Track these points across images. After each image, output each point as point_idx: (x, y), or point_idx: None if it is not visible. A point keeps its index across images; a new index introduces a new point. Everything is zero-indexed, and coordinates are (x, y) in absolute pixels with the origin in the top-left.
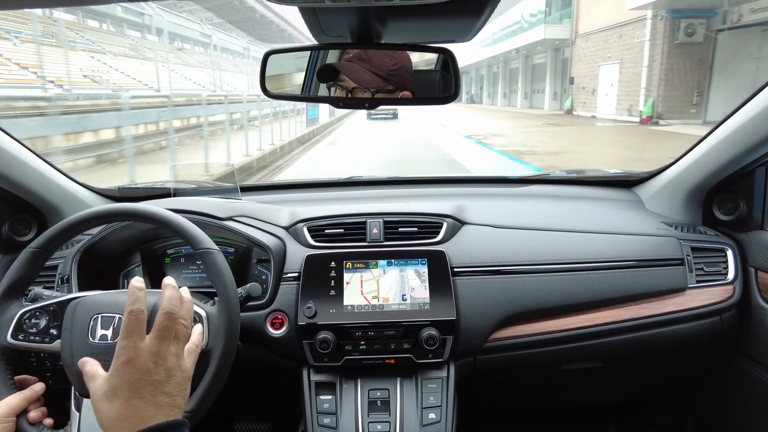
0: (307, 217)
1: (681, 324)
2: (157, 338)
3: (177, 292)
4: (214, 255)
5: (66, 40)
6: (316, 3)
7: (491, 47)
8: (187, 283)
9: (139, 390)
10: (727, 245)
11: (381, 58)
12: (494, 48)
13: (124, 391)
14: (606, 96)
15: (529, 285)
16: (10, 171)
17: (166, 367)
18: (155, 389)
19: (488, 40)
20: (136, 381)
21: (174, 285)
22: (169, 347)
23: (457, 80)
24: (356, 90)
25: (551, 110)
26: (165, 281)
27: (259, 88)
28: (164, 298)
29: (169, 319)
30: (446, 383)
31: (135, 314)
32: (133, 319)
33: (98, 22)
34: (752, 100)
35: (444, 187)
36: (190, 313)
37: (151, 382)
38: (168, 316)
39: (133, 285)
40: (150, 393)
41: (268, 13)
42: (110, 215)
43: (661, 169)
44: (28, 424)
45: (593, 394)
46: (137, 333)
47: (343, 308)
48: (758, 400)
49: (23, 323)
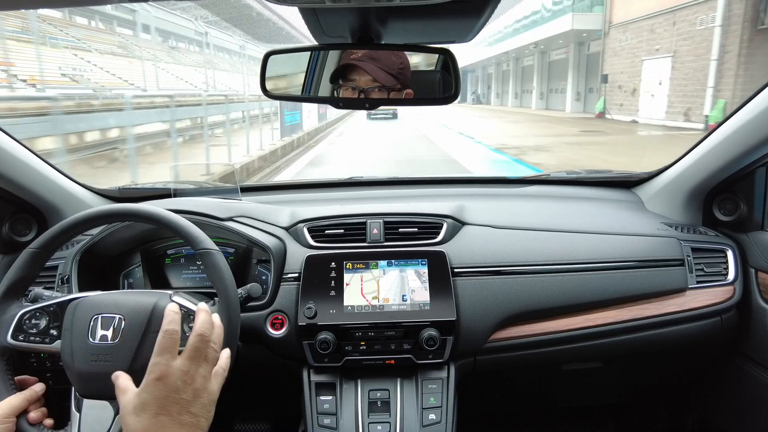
0: (308, 218)
1: (681, 324)
2: (188, 359)
3: (209, 317)
4: (214, 255)
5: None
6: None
7: (501, 43)
8: (187, 284)
9: (167, 407)
10: (728, 246)
11: (389, 57)
12: (504, 44)
13: (152, 407)
14: (652, 97)
15: (529, 285)
16: (10, 171)
17: (194, 388)
18: (182, 408)
19: (498, 36)
20: (165, 398)
21: (207, 310)
22: (199, 369)
23: (457, 81)
24: (370, 90)
25: (574, 112)
26: (199, 306)
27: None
28: (198, 321)
29: (201, 341)
30: (446, 384)
31: (170, 334)
32: (168, 338)
33: (87, 20)
34: (752, 100)
35: (444, 188)
36: (220, 338)
37: (179, 401)
38: (200, 338)
39: (170, 308)
40: (177, 411)
41: (265, 11)
42: (110, 215)
43: (662, 170)
44: (28, 425)
45: (593, 395)
46: (170, 352)
47: (343, 309)
48: (758, 400)
49: (23, 324)
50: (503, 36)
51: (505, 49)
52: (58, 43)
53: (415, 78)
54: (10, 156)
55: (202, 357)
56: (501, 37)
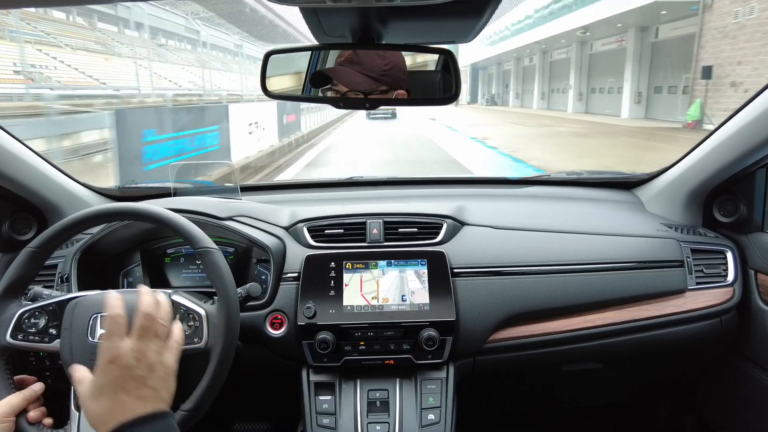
0: (307, 217)
1: (680, 326)
2: (137, 338)
3: (152, 296)
4: (214, 254)
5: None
6: (317, 3)
7: (522, 35)
8: (186, 283)
9: (123, 385)
10: (727, 247)
11: (372, 59)
12: (528, 35)
13: (109, 388)
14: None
15: (528, 286)
16: (10, 170)
17: (147, 363)
18: (138, 384)
19: (519, 26)
20: (120, 377)
21: (148, 290)
22: (149, 345)
23: (458, 81)
24: (349, 93)
25: (634, 118)
26: (140, 289)
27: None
28: (141, 302)
29: (146, 320)
30: (445, 384)
31: (114, 318)
32: (112, 322)
33: (65, 14)
34: (753, 101)
35: (444, 188)
36: (168, 315)
37: (135, 377)
38: (145, 317)
39: (109, 294)
40: (134, 387)
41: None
42: (110, 214)
43: (662, 171)
44: (27, 424)
45: (592, 395)
46: (117, 334)
47: (342, 309)
48: (757, 401)
49: (22, 323)
50: (525, 26)
51: (529, 40)
52: (18, 36)
53: (416, 78)
54: (10, 155)
55: (151, 334)
56: (522, 27)
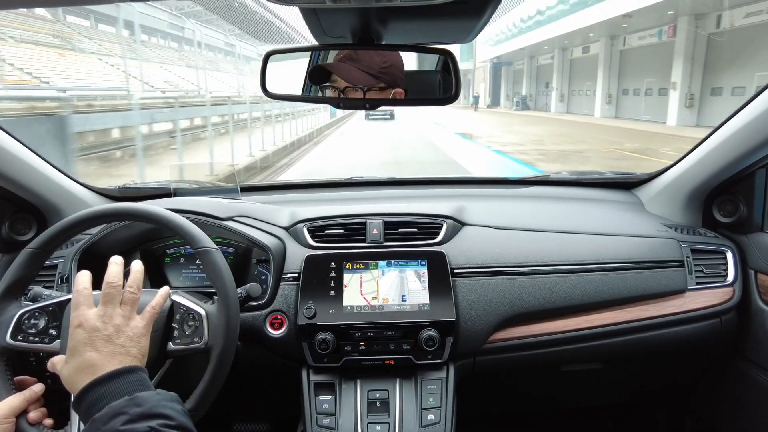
0: (307, 218)
1: (680, 326)
2: (102, 304)
3: (119, 267)
4: (213, 254)
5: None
6: (317, 4)
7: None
8: (186, 283)
9: (92, 344)
10: (727, 247)
11: (371, 57)
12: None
13: (78, 349)
14: None
15: (528, 286)
16: (10, 170)
17: (113, 324)
18: (106, 342)
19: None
20: (88, 338)
21: (118, 261)
22: (116, 309)
23: (458, 81)
24: (348, 89)
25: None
26: (111, 260)
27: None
28: (107, 272)
29: (110, 287)
30: (445, 384)
31: (79, 292)
32: (78, 295)
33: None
34: (752, 102)
35: (444, 188)
36: (138, 282)
37: (102, 337)
38: (109, 285)
39: (78, 275)
40: (102, 345)
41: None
42: (109, 215)
43: (661, 171)
44: (28, 425)
45: (592, 396)
46: (83, 304)
47: (342, 309)
48: (757, 402)
49: (22, 324)
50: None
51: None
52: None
53: (415, 78)
54: (10, 155)
55: (116, 301)
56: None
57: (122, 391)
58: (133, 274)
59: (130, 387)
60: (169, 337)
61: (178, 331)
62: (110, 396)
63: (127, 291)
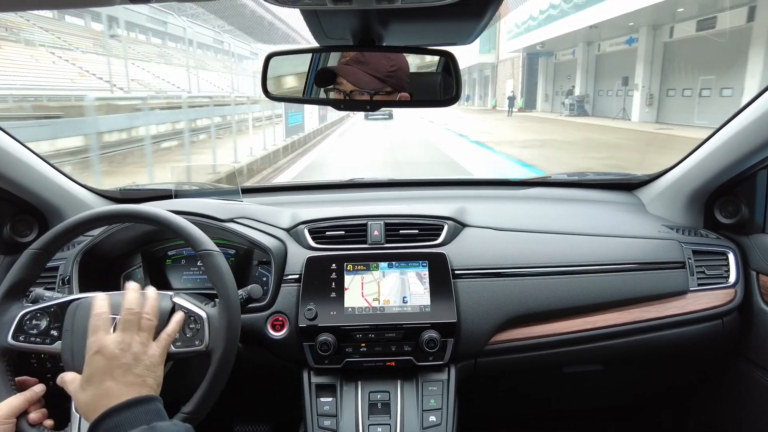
0: (308, 219)
1: (682, 327)
2: (120, 330)
3: (137, 293)
4: (215, 256)
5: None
6: (318, 5)
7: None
8: (188, 285)
9: (110, 373)
10: (729, 248)
11: (378, 60)
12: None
13: (96, 377)
14: None
15: (530, 288)
16: (11, 172)
17: (132, 353)
18: (125, 371)
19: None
20: (106, 366)
21: (135, 288)
22: (134, 337)
23: (458, 83)
24: (354, 93)
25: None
26: (127, 285)
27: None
28: (126, 298)
29: (129, 314)
30: (447, 386)
31: (98, 316)
32: (97, 319)
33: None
34: (754, 102)
35: (445, 190)
36: (155, 309)
37: (120, 365)
38: (128, 311)
39: (96, 296)
40: (120, 374)
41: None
42: (111, 217)
43: (663, 172)
44: (28, 426)
45: (594, 397)
46: (102, 329)
47: (343, 310)
48: (759, 403)
49: (24, 324)
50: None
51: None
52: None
53: (417, 80)
54: (11, 157)
55: (134, 327)
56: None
57: (140, 420)
58: (149, 301)
59: (148, 417)
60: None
61: (180, 334)
62: (128, 424)
63: (144, 318)
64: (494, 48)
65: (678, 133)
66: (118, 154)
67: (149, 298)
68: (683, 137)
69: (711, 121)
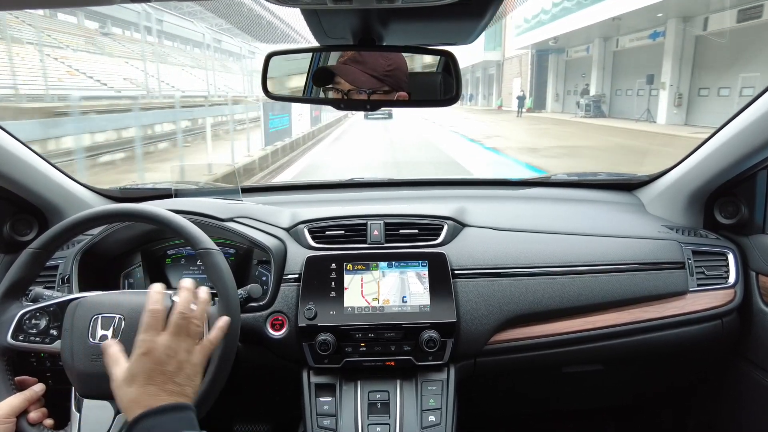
0: (308, 219)
1: (682, 327)
2: (171, 334)
3: (191, 295)
4: (214, 255)
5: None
6: (318, 5)
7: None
8: None
9: (153, 378)
10: (728, 249)
11: (376, 59)
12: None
13: (140, 378)
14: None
15: (529, 288)
16: (11, 170)
17: (177, 360)
18: (167, 378)
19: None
20: (151, 370)
21: (189, 288)
22: (181, 343)
23: (459, 83)
24: (352, 92)
25: None
26: (182, 283)
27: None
28: (180, 299)
29: (182, 319)
30: (446, 385)
31: (153, 312)
32: (152, 316)
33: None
34: (754, 103)
35: (445, 189)
36: (203, 314)
37: (164, 372)
38: (181, 315)
39: (153, 288)
40: (162, 381)
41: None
42: (110, 216)
43: (663, 173)
44: (28, 425)
45: (593, 397)
46: (155, 328)
47: (343, 310)
48: (758, 404)
49: (23, 324)
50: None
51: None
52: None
53: (416, 80)
54: (11, 156)
55: (184, 333)
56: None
57: (174, 427)
58: (200, 305)
59: (182, 424)
60: None
61: None
62: (160, 428)
63: (193, 323)
64: (500, 45)
65: None
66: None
67: (201, 301)
68: None
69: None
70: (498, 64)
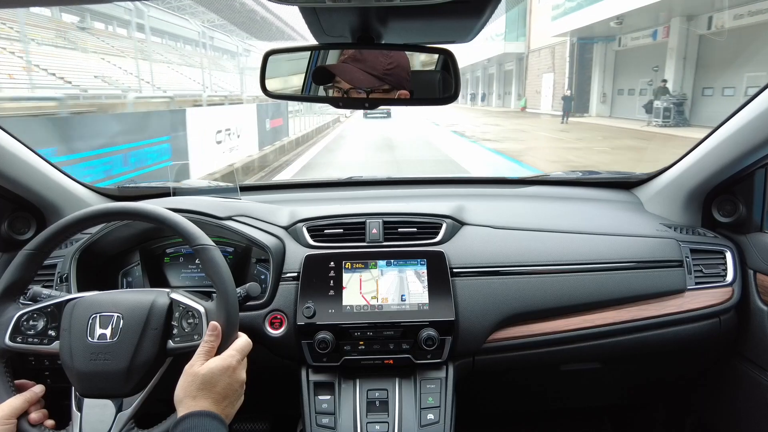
0: (307, 217)
1: (680, 326)
2: (241, 370)
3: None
4: (211, 251)
5: None
6: (317, 3)
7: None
8: (186, 283)
9: (215, 390)
10: (726, 247)
11: (375, 57)
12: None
13: (207, 385)
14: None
15: (528, 286)
16: (9, 169)
17: (240, 392)
18: (223, 398)
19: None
20: (220, 387)
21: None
22: (245, 378)
23: (457, 81)
24: (351, 91)
25: None
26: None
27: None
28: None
29: (243, 358)
30: (445, 384)
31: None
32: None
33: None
34: (752, 102)
35: (443, 188)
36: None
37: (227, 395)
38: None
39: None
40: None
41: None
42: (108, 214)
43: (661, 171)
44: (29, 426)
45: (592, 395)
46: (243, 366)
47: (342, 308)
48: (756, 402)
49: (21, 325)
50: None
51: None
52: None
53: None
54: (9, 154)
55: (244, 370)
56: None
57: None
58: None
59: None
60: (169, 335)
61: (178, 329)
62: (202, 428)
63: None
64: (524, 35)
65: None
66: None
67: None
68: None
69: None
70: (519, 57)
